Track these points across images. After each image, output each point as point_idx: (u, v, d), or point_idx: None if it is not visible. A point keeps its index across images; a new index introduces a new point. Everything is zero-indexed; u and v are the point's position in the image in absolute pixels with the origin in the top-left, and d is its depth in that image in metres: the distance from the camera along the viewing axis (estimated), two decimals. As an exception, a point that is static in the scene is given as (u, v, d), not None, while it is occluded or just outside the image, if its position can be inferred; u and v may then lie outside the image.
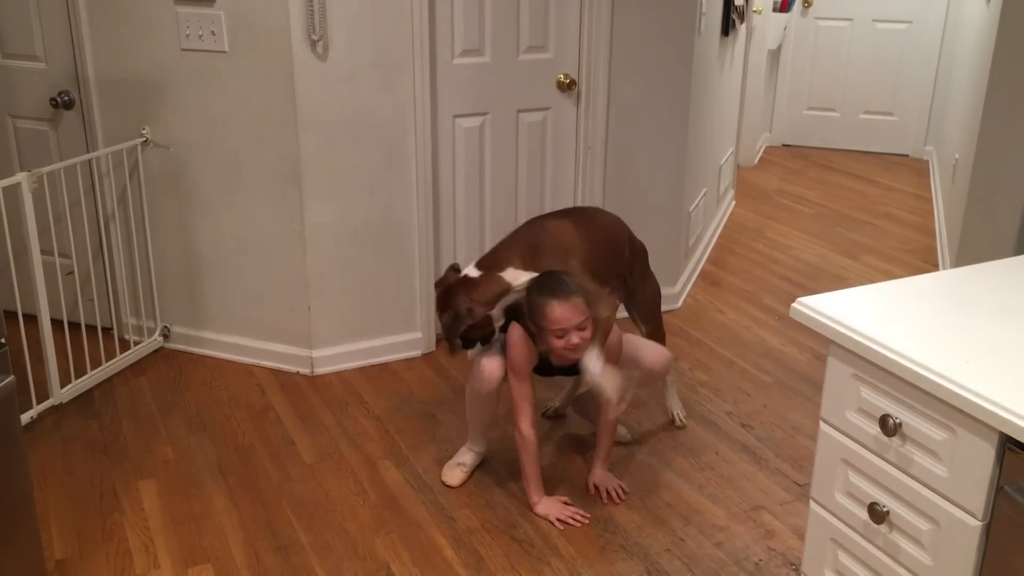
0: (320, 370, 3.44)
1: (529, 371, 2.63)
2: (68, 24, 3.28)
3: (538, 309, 2.46)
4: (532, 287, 2.51)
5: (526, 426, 2.64)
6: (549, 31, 3.49)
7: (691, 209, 4.11)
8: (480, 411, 2.78)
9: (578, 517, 2.62)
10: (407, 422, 3.13)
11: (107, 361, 3.37)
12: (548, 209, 3.72)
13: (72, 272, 3.50)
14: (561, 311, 2.43)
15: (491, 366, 2.63)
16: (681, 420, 3.10)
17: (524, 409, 2.63)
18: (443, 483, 2.79)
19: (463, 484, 2.79)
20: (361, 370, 3.48)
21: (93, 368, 3.30)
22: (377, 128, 3.27)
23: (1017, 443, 1.36)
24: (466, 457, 2.85)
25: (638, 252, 2.97)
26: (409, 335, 3.57)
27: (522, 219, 3.68)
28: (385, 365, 3.52)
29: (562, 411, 3.16)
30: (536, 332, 2.52)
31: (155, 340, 3.57)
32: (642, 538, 2.57)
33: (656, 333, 3.01)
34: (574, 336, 2.45)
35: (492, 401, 2.73)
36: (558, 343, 2.47)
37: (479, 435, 2.86)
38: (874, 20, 6.53)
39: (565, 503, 2.67)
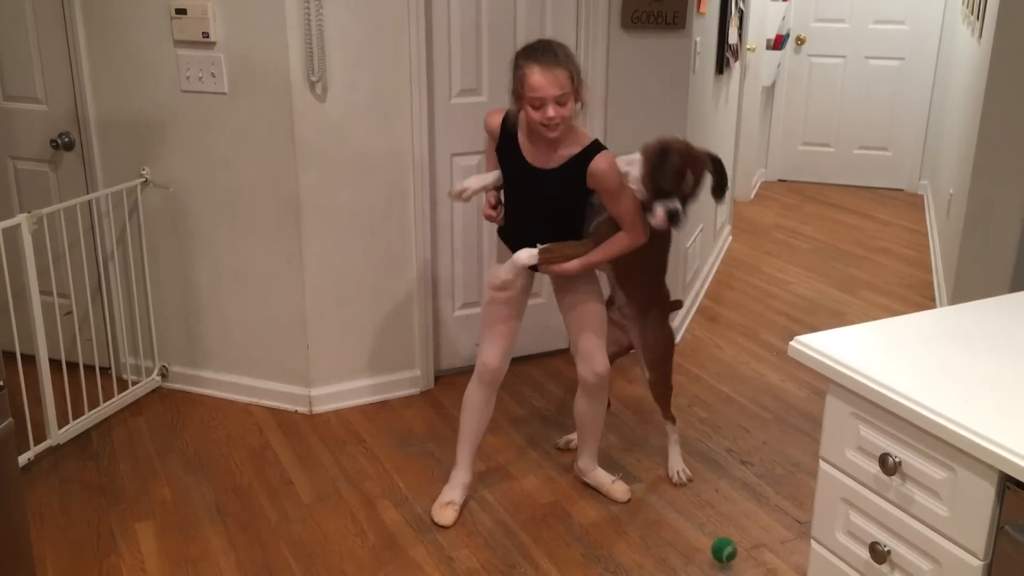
0: (318, 409, 3.43)
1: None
2: (69, 66, 3.31)
3: (518, 72, 2.39)
4: (520, 51, 2.44)
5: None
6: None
7: (688, 245, 4.13)
8: (475, 414, 2.79)
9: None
10: (406, 461, 3.12)
11: (105, 401, 3.36)
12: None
13: (71, 312, 3.50)
14: (540, 79, 2.34)
15: (492, 351, 2.72)
16: (681, 478, 2.99)
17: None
18: (435, 523, 2.77)
19: (456, 522, 2.77)
20: (360, 408, 3.47)
21: (91, 408, 3.29)
22: (376, 167, 3.30)
23: (1017, 482, 1.36)
24: (454, 494, 2.82)
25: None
26: (408, 373, 3.57)
27: (520, 256, 3.71)
28: (384, 403, 3.51)
29: (574, 444, 3.09)
30: (514, 101, 2.46)
31: (153, 380, 3.56)
32: (643, 577, 2.55)
33: (659, 384, 2.93)
34: (551, 108, 2.36)
35: (489, 399, 2.79)
36: (534, 114, 2.38)
37: (468, 455, 2.83)
38: (867, 57, 6.60)
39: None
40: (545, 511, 2.84)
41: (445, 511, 2.79)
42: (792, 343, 1.75)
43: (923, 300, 4.61)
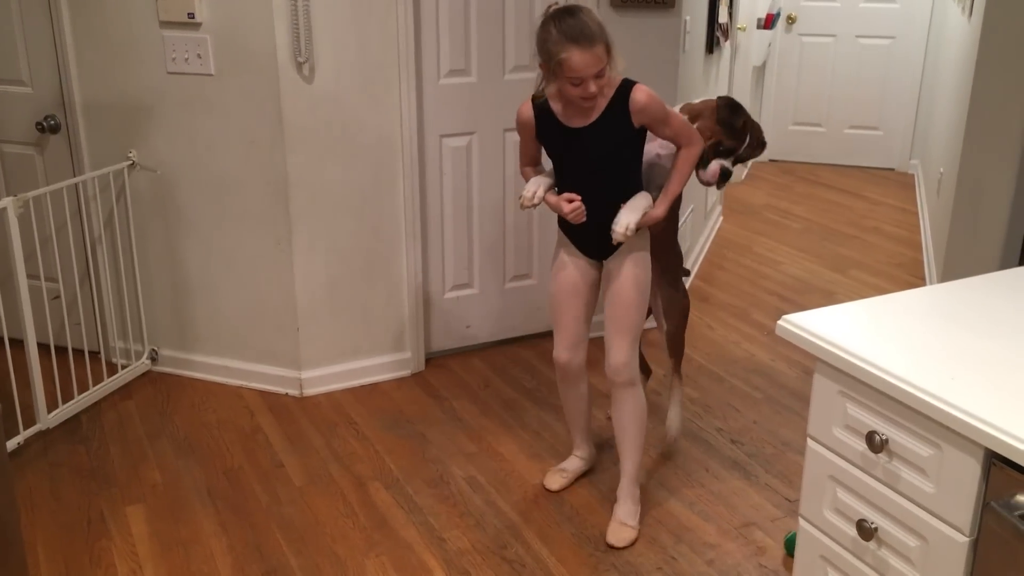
0: (309, 391, 3.43)
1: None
2: (54, 48, 3.28)
3: (555, 55, 2.30)
4: (551, 23, 2.32)
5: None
6: (534, 50, 3.50)
7: (679, 225, 4.12)
8: (568, 406, 2.85)
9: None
10: (397, 443, 3.12)
11: (94, 385, 3.35)
12: (536, 228, 3.74)
13: (59, 296, 3.49)
14: (580, 61, 2.27)
15: (559, 345, 2.71)
16: (673, 435, 3.05)
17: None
18: (544, 487, 2.86)
19: (563, 488, 2.86)
20: (350, 391, 3.47)
21: (80, 392, 3.29)
22: (364, 149, 3.28)
23: (1003, 459, 1.36)
24: (568, 463, 2.92)
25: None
26: (399, 355, 3.57)
27: (510, 238, 3.71)
28: (375, 386, 3.51)
29: None
30: (546, 75, 2.39)
31: (143, 363, 3.56)
32: (633, 557, 2.56)
33: (675, 335, 3.01)
34: (592, 85, 2.31)
35: (575, 391, 2.79)
36: (574, 91, 2.34)
37: (577, 437, 2.91)
38: (857, 36, 6.59)
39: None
40: (536, 491, 2.85)
41: (553, 476, 2.88)
42: (780, 322, 1.75)
43: (913, 279, 4.62)
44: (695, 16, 4.05)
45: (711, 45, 4.45)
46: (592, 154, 2.47)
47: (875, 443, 1.56)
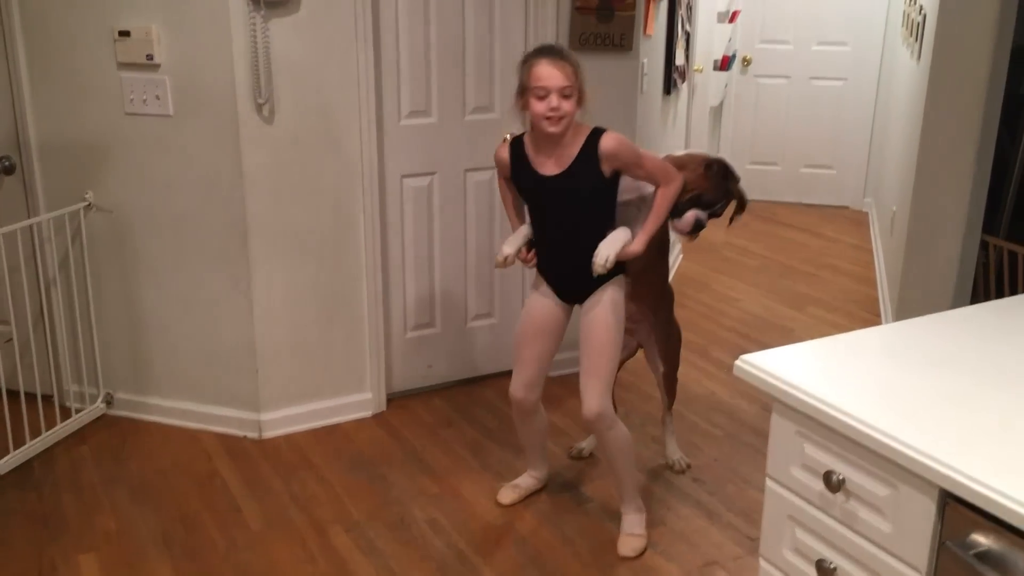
0: (268, 433, 3.39)
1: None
2: (9, 88, 3.25)
3: (525, 66, 2.45)
4: (528, 52, 2.52)
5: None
6: (495, 92, 3.54)
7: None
8: (521, 435, 2.93)
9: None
10: (358, 485, 3.09)
11: (47, 430, 3.28)
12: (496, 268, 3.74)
13: (11, 339, 3.42)
14: (546, 69, 2.39)
15: (515, 381, 2.75)
16: (682, 465, 3.19)
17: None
18: (496, 501, 2.95)
19: (514, 503, 2.95)
20: (311, 432, 3.43)
21: (32, 438, 3.22)
22: (325, 189, 3.28)
23: (958, 498, 1.38)
24: (521, 479, 3.00)
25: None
26: (360, 395, 3.54)
27: (472, 277, 3.72)
28: (336, 427, 3.47)
29: (587, 453, 3.26)
30: (519, 99, 2.48)
31: (98, 407, 3.49)
32: (596, 598, 2.54)
33: (671, 376, 3.14)
34: (554, 98, 2.38)
35: (529, 422, 2.84)
36: (539, 106, 2.40)
37: (532, 459, 2.99)
38: (811, 78, 6.73)
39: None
40: (498, 533, 2.83)
41: (506, 491, 2.97)
42: (737, 362, 1.77)
43: (869, 316, 4.69)
44: (652, 58, 4.12)
45: (668, 87, 4.53)
46: (564, 202, 2.54)
47: (832, 483, 1.58)
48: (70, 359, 3.47)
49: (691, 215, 2.77)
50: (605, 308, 2.59)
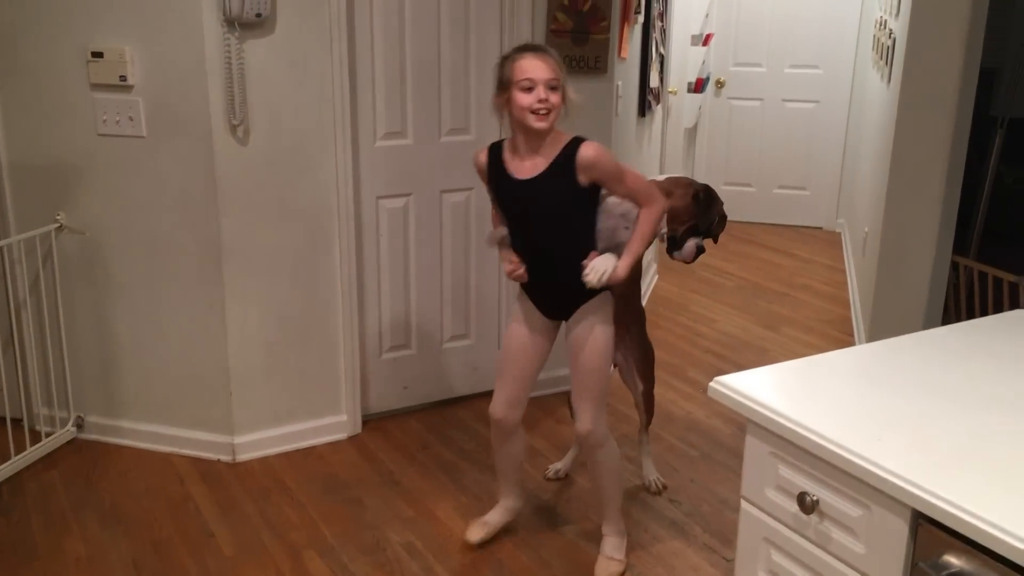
0: (242, 457, 3.36)
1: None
2: (-20, 110, 3.22)
3: (507, 63, 2.38)
4: (506, 52, 2.45)
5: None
6: (470, 113, 3.55)
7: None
8: (498, 458, 2.82)
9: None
10: (333, 508, 3.06)
11: (16, 455, 3.23)
12: (473, 289, 3.74)
13: (-20, 362, 3.38)
14: (531, 62, 2.33)
15: (496, 400, 2.68)
16: (658, 486, 3.19)
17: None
18: (465, 539, 2.84)
19: (483, 540, 2.83)
20: (285, 455, 3.40)
21: (1, 462, 3.16)
22: (300, 211, 3.27)
23: (930, 519, 1.39)
24: (491, 515, 2.88)
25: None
26: (334, 418, 3.51)
27: (448, 298, 3.71)
28: (310, 449, 3.45)
29: (563, 474, 3.26)
30: (499, 95, 2.41)
31: (68, 431, 3.45)
32: (573, 622, 2.53)
33: (649, 394, 3.16)
34: (542, 89, 2.32)
35: (509, 444, 2.76)
36: (525, 99, 2.33)
37: (504, 487, 2.87)
38: (784, 100, 6.81)
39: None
40: (475, 557, 2.81)
41: (474, 528, 2.85)
42: (712, 384, 1.77)
43: (843, 336, 4.72)
44: (627, 81, 4.15)
45: (643, 109, 4.56)
46: (536, 208, 2.46)
47: (806, 504, 1.58)
48: (40, 382, 3.43)
49: (691, 245, 2.87)
50: (594, 324, 2.54)
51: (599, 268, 2.43)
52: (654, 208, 2.50)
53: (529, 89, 2.33)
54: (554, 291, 2.57)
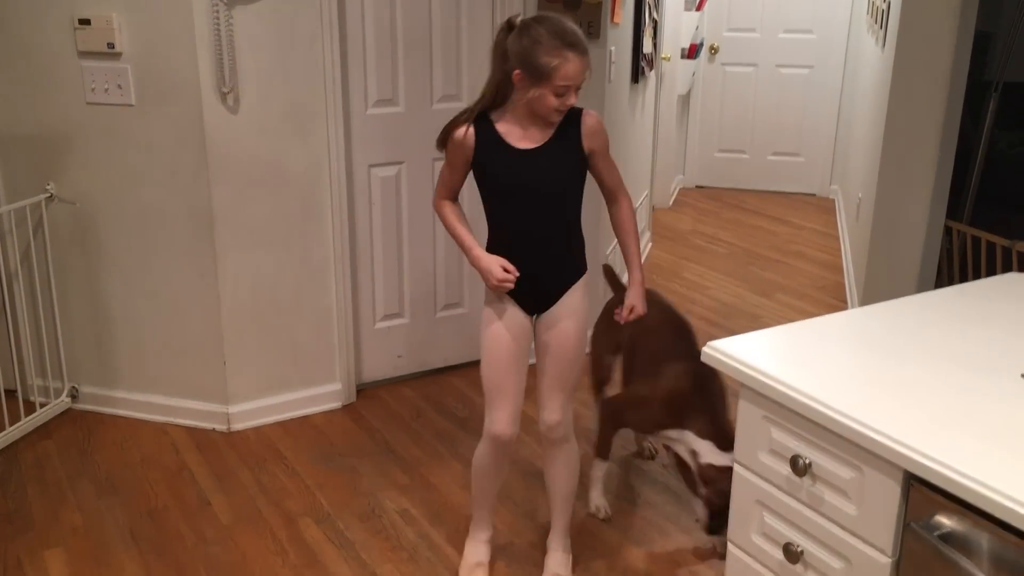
0: (237, 426, 3.36)
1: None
2: (-33, 78, 3.19)
3: (555, 57, 2.11)
4: (532, 24, 2.16)
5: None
6: (462, 80, 3.52)
7: (608, 252, 4.17)
8: (486, 480, 2.52)
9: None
10: (328, 476, 3.07)
11: (11, 425, 3.24)
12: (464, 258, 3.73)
13: (-27, 333, 3.37)
14: (577, 65, 2.13)
15: (504, 416, 2.38)
16: (651, 452, 3.21)
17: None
18: None
19: None
20: (280, 424, 3.41)
21: (-4, 433, 3.17)
22: (291, 179, 3.25)
23: (922, 480, 1.39)
24: (479, 553, 2.60)
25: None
26: (329, 387, 3.52)
27: (441, 267, 3.70)
28: (305, 418, 3.45)
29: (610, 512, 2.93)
30: (530, 82, 2.16)
31: (63, 401, 3.45)
32: (567, 585, 2.55)
33: (601, 423, 2.93)
34: (573, 96, 2.18)
35: (501, 464, 2.50)
36: (554, 101, 2.16)
37: (484, 513, 2.59)
38: (777, 65, 6.77)
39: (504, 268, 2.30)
40: (469, 523, 2.82)
41: (475, 573, 2.57)
42: (705, 349, 1.78)
43: (836, 302, 4.73)
44: (620, 47, 4.12)
45: (636, 75, 4.53)
46: (545, 178, 2.26)
47: (799, 467, 1.59)
48: (34, 353, 3.42)
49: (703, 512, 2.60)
50: (572, 320, 2.36)
51: (639, 309, 2.38)
52: (628, 203, 2.40)
53: (563, 94, 2.17)
54: (542, 276, 2.34)
